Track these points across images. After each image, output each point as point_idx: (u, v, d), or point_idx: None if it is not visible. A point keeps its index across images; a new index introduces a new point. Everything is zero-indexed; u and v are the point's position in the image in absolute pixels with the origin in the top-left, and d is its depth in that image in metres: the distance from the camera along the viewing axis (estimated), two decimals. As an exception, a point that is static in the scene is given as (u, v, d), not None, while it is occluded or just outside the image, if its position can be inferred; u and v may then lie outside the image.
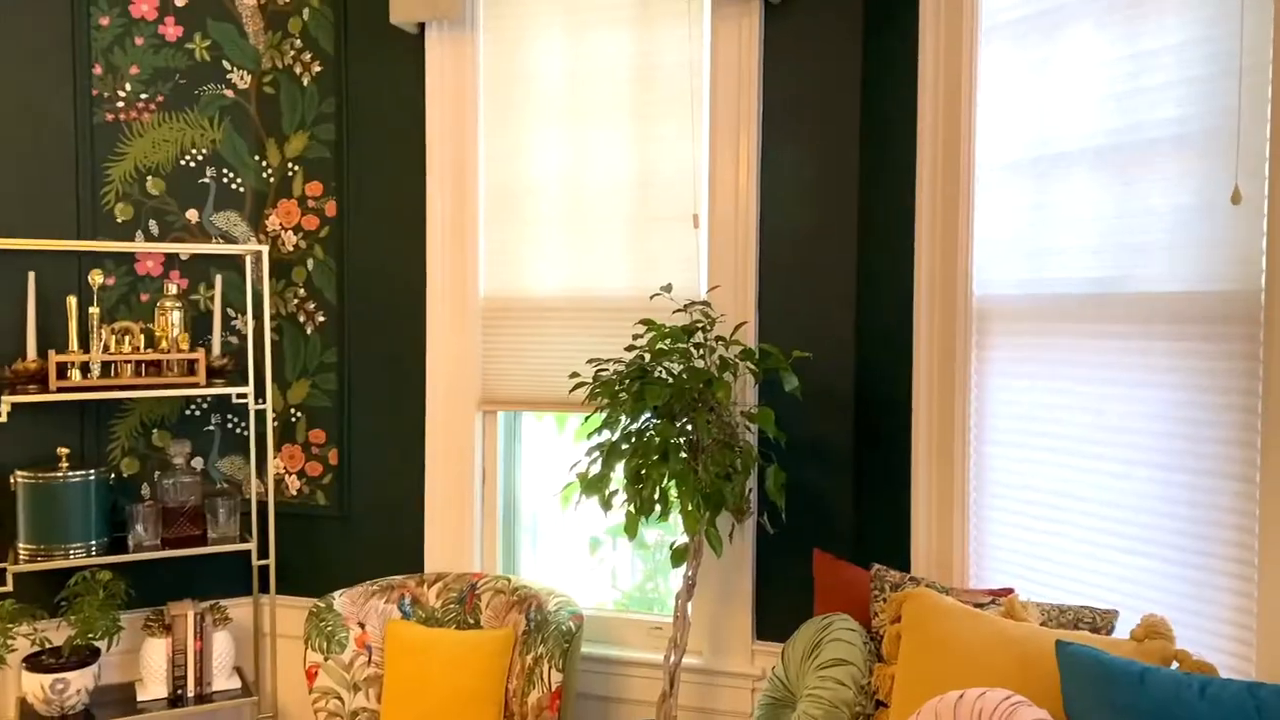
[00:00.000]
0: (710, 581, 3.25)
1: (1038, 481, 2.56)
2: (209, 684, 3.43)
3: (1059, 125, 2.48)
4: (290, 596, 3.65)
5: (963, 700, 2.08)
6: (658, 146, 3.27)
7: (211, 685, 3.43)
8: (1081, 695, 2.02)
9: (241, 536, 3.52)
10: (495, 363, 3.47)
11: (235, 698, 3.42)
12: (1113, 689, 1.98)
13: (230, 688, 3.45)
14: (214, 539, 3.46)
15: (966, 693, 2.09)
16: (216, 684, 3.44)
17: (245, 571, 3.62)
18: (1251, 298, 2.08)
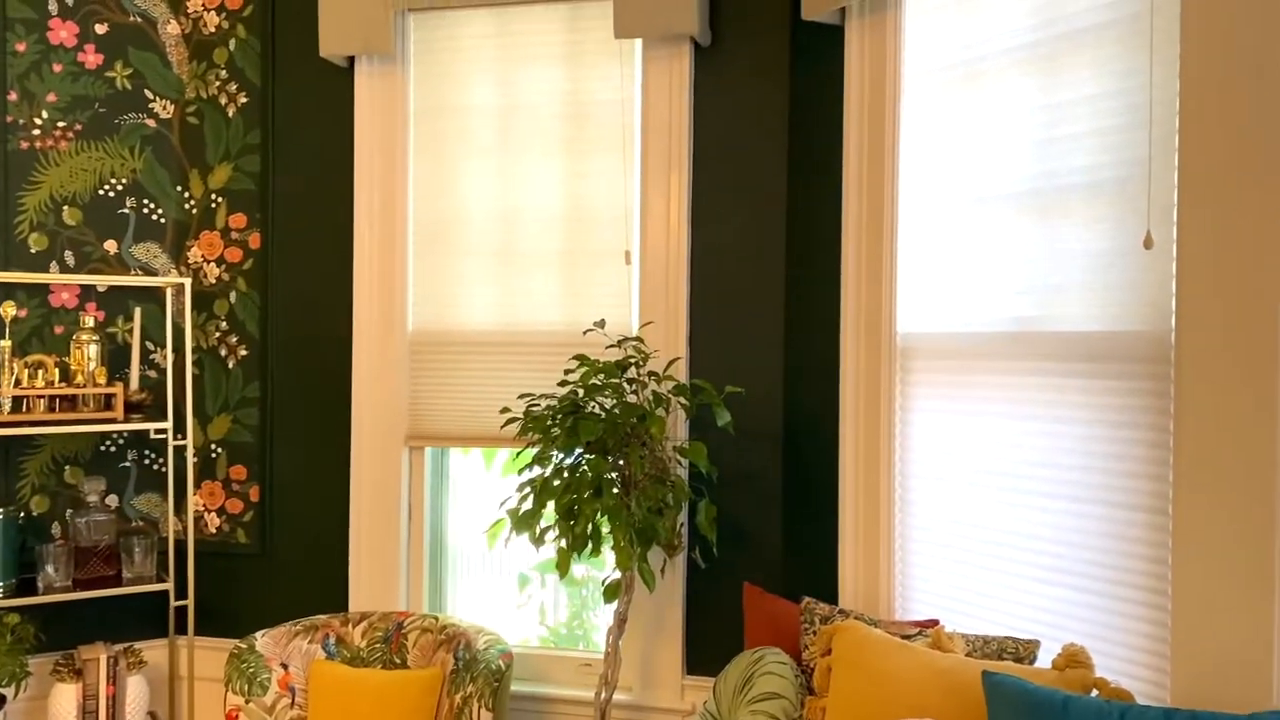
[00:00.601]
0: (641, 616, 3.26)
1: (961, 514, 2.63)
2: (122, 731, 3.31)
3: (980, 170, 2.57)
4: (210, 638, 3.55)
5: (894, 732, 2.12)
6: (590, 183, 3.30)
7: (124, 732, 3.31)
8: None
9: (158, 576, 3.42)
10: (424, 397, 3.44)
11: (149, 744, 3.31)
12: (1038, 718, 2.04)
13: (144, 734, 3.34)
14: (129, 579, 3.35)
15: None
16: (130, 730, 3.32)
17: (162, 613, 3.51)
18: (1162, 338, 2.18)
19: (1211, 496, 2.06)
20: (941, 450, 2.69)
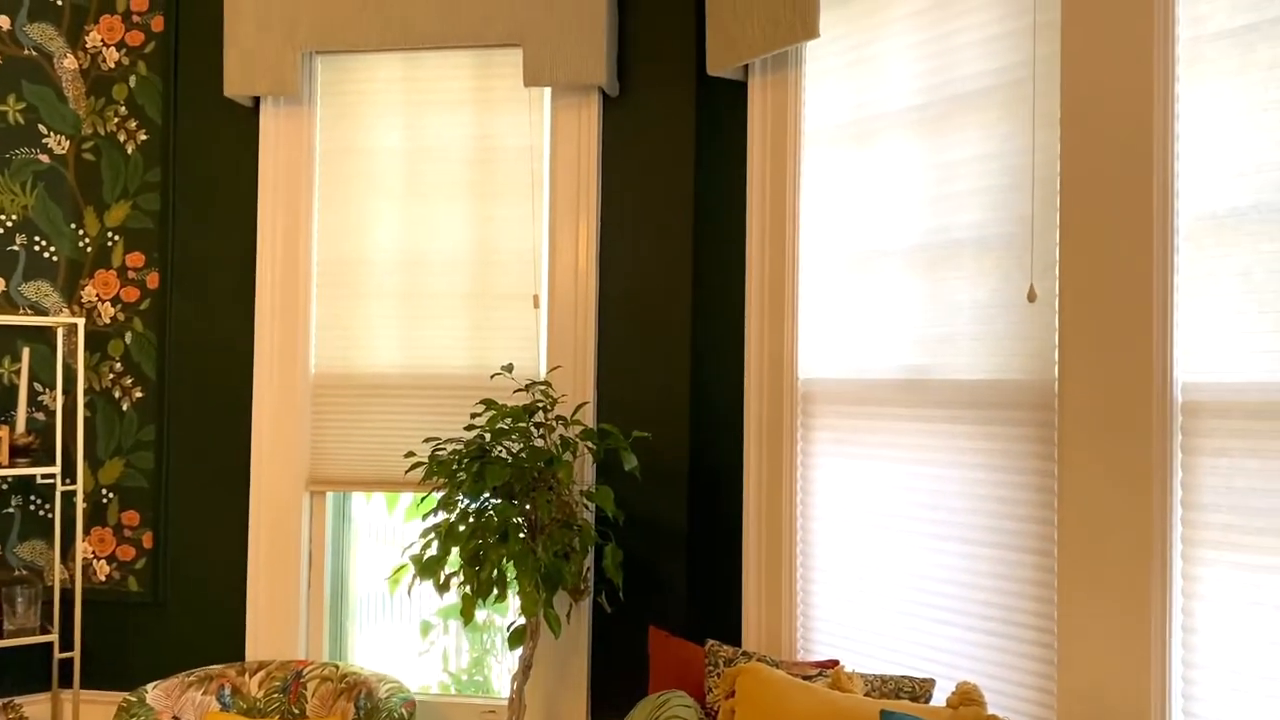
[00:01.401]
0: (546, 662, 3.25)
1: (859, 556, 2.71)
2: (-1, 791, 3.15)
3: (876, 225, 2.68)
4: (98, 691, 3.42)
5: (795, 772, 2.15)
6: (498, 226, 3.33)
7: (2, 793, 3.16)
8: (904, 762, 2.13)
9: (42, 627, 3.28)
10: (326, 441, 3.40)
11: (29, 805, 3.16)
12: (932, 755, 2.10)
13: (23, 794, 3.19)
14: (10, 630, 3.21)
15: (799, 765, 2.17)
16: (7, 791, 3.17)
17: (46, 665, 3.36)
18: (1046, 387, 2.29)
19: (1093, 537, 2.16)
20: (841, 493, 2.76)
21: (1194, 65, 2.07)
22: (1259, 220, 1.96)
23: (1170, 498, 2.06)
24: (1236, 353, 1.98)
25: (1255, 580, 1.95)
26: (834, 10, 2.78)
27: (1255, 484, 1.95)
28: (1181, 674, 2.05)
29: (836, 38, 2.79)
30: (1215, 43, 2.04)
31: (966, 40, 2.47)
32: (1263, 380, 1.94)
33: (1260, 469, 1.94)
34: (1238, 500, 1.97)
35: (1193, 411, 2.04)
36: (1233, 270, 2.00)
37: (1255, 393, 1.95)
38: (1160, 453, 2.07)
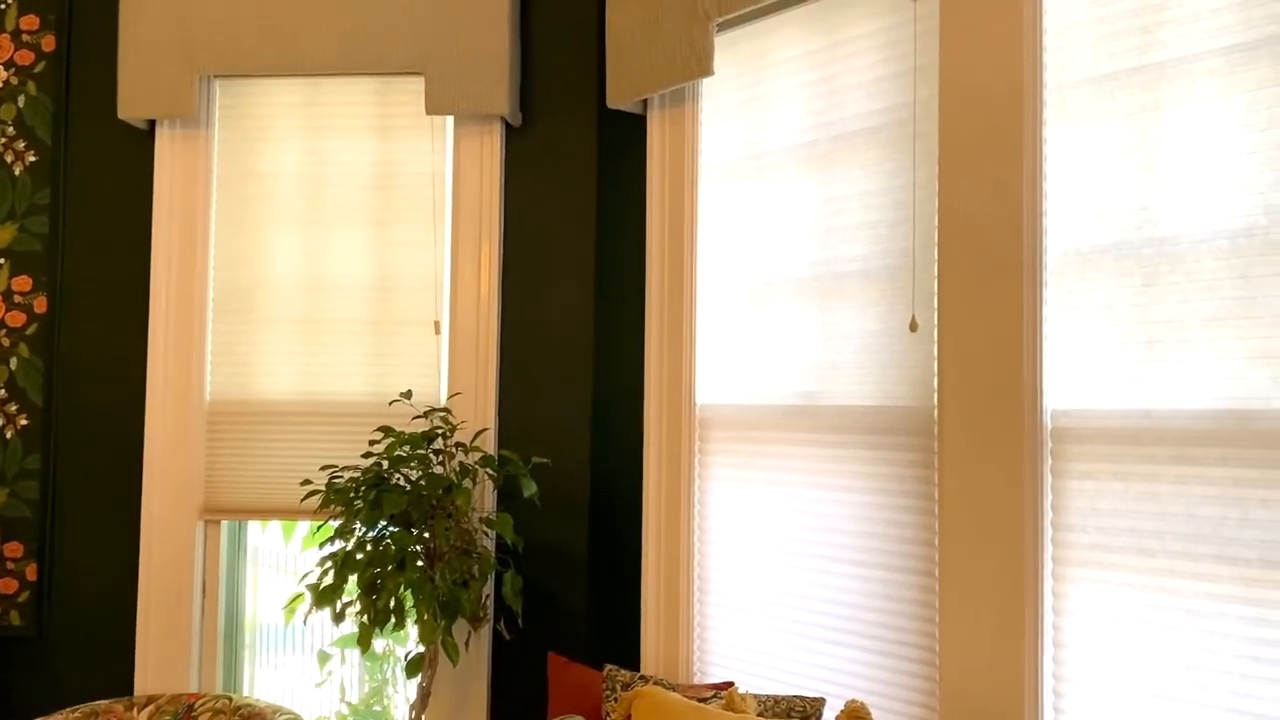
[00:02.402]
0: (446, 690, 3.23)
1: (754, 579, 2.77)
2: None
3: (768, 256, 2.76)
4: (-28, 731, 3.29)
5: (688, 793, 2.19)
6: (399, 252, 3.33)
7: None
8: (793, 780, 2.19)
9: (-85, 666, 3.15)
10: (221, 468, 3.34)
11: None
12: (820, 772, 2.16)
13: (-108, 841, 3.04)
14: (-119, 670, 3.07)
15: (692, 786, 2.21)
16: (-126, 838, 3.02)
17: (-83, 705, 3.23)
18: (926, 413, 2.39)
19: (970, 558, 2.26)
20: (737, 517, 2.83)
21: (1060, 110, 2.19)
22: (1119, 257, 2.09)
23: (1041, 519, 2.17)
24: (1101, 382, 2.10)
25: (1118, 596, 2.05)
26: (728, 50, 2.87)
27: (1118, 506, 2.06)
28: (1053, 687, 2.15)
29: (731, 76, 2.88)
30: (1079, 89, 2.17)
31: (852, 82, 2.57)
32: (1125, 408, 2.06)
33: (1123, 491, 2.05)
34: (1103, 521, 2.08)
35: (1061, 438, 2.15)
36: (1096, 304, 2.12)
37: (1118, 419, 2.07)
38: (1031, 477, 2.17)
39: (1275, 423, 1.86)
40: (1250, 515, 1.88)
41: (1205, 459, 1.94)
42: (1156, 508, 2.01)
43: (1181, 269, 2.00)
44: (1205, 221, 1.97)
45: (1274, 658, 1.85)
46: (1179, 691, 1.96)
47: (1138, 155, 2.07)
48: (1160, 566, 2.00)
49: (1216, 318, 1.94)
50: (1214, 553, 1.93)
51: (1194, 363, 1.97)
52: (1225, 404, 1.92)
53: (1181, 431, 1.98)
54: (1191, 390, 1.97)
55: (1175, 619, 1.97)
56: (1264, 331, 1.88)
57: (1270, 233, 1.88)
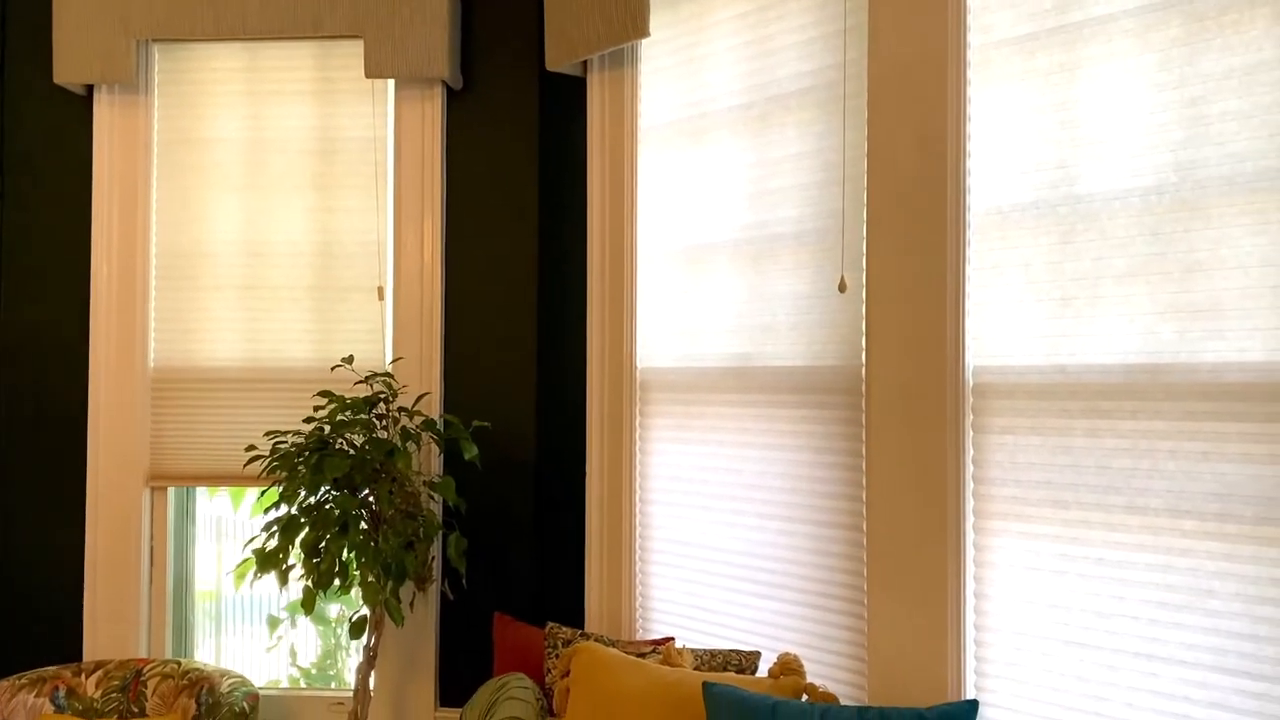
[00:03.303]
0: (393, 652, 3.27)
1: (691, 536, 2.81)
2: None
3: (704, 219, 2.78)
4: (-80, 699, 3.29)
5: (621, 745, 2.24)
6: (341, 218, 3.32)
7: None
8: (724, 731, 2.24)
9: None
10: (166, 436, 3.34)
11: None
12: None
13: None
14: None
15: (625, 738, 2.25)
16: None
17: None
18: (854, 372, 2.43)
19: (895, 513, 2.31)
20: (676, 477, 2.86)
21: (983, 70, 2.22)
22: (1037, 215, 2.12)
23: (963, 474, 2.22)
24: (1020, 339, 2.14)
25: (1034, 548, 2.11)
26: (665, 11, 2.88)
27: (1035, 459, 2.11)
28: (974, 637, 2.21)
29: (669, 38, 2.88)
30: (1001, 49, 2.19)
31: (785, 43, 2.59)
32: (1041, 364, 2.11)
33: (1040, 445, 2.10)
34: (1021, 475, 2.14)
35: (982, 393, 2.20)
36: (1015, 262, 2.15)
37: (1035, 375, 2.12)
38: (954, 433, 2.22)
39: (1183, 376, 1.91)
40: (1159, 466, 1.94)
41: (1117, 412, 1.99)
42: (1070, 460, 2.06)
43: (1096, 227, 2.03)
44: (1119, 179, 2.00)
45: (1179, 603, 1.91)
46: (1090, 638, 2.02)
47: (1056, 114, 2.10)
48: (1074, 518, 2.05)
49: (1129, 274, 1.99)
50: (1124, 503, 1.98)
51: (1107, 319, 2.01)
52: (1136, 358, 1.97)
53: (1095, 386, 2.02)
54: (1104, 345, 2.01)
55: (1087, 568, 2.03)
56: (1173, 287, 1.93)
57: (1180, 190, 1.92)
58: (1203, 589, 1.88)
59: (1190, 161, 1.91)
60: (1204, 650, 1.87)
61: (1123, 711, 1.97)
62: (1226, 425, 1.85)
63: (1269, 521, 1.80)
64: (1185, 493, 1.90)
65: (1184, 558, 1.90)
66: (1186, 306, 1.91)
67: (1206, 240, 1.89)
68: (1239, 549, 1.84)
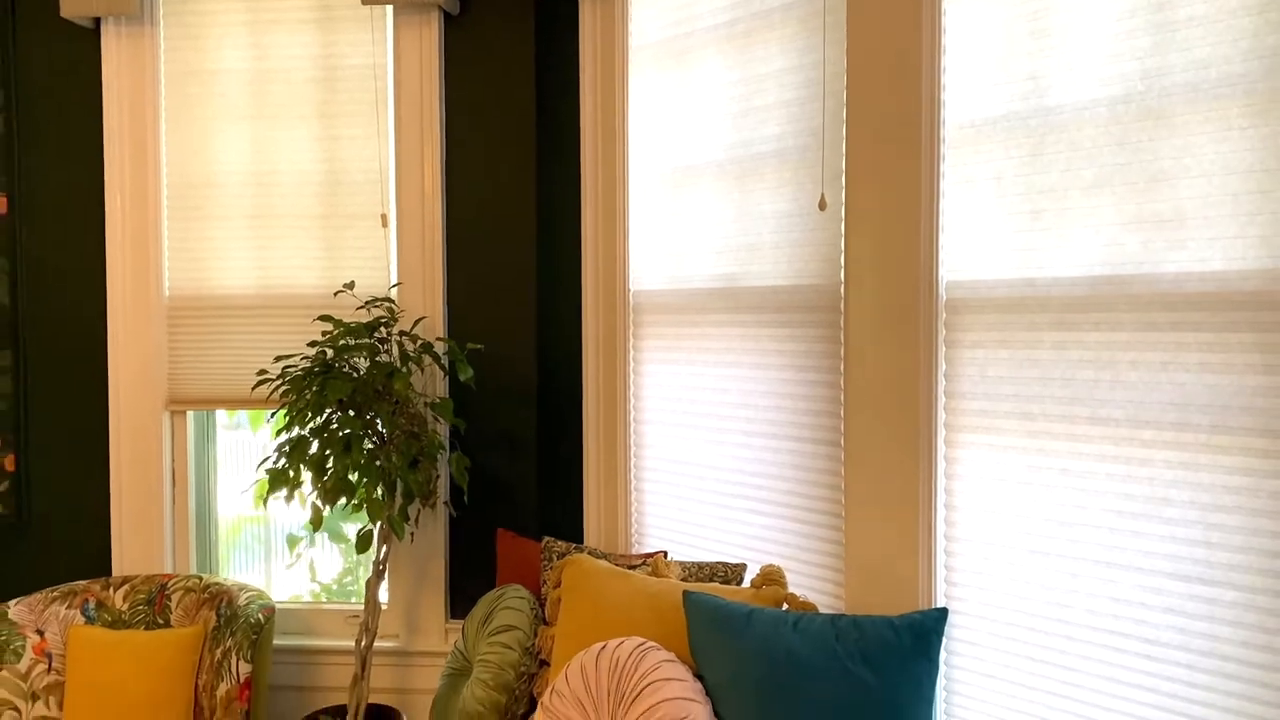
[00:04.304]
0: (405, 567, 3.39)
1: (682, 454, 2.87)
2: None
3: (691, 140, 2.79)
4: (-36, 611, 3.48)
5: (604, 650, 2.33)
6: (345, 146, 3.37)
7: None
8: (702, 636, 2.32)
9: (-97, 551, 3.33)
10: (183, 361, 3.46)
11: (-101, 721, 3.24)
12: (725, 629, 2.29)
13: (-108, 711, 3.26)
14: None
15: (607, 643, 2.35)
16: (-124, 708, 3.24)
17: (-90, 588, 3.43)
18: (834, 290, 2.45)
19: (871, 428, 2.34)
20: (667, 397, 2.92)
21: (958, -18, 2.19)
22: (1008, 128, 2.11)
23: (935, 388, 2.24)
24: (990, 253, 2.15)
25: (1002, 459, 2.14)
26: (653, -72, 2.86)
27: (1004, 373, 2.13)
28: (944, 547, 2.26)
29: (657, -44, 2.87)
30: (976, -40, 2.16)
31: (767, -42, 2.57)
32: (1011, 278, 2.11)
33: (1009, 359, 2.12)
34: (990, 388, 2.16)
35: (954, 309, 2.21)
36: (987, 175, 2.15)
37: (1004, 289, 2.12)
38: (926, 347, 2.24)
39: (1146, 286, 1.91)
40: (1121, 377, 1.95)
41: (1082, 324, 2.00)
42: (1038, 373, 2.07)
43: (1065, 138, 2.02)
44: (1088, 89, 1.99)
45: (1138, 511, 1.93)
46: (1053, 546, 2.06)
47: (1028, 24, 2.08)
48: (1039, 429, 2.07)
49: (1096, 185, 1.98)
50: (1088, 414, 2.00)
51: (1074, 230, 2.01)
52: (1101, 270, 1.97)
53: (1061, 298, 2.03)
54: (1071, 258, 2.01)
55: (1052, 479, 2.06)
56: (1138, 197, 1.92)
57: (1146, 98, 1.90)
58: (1160, 498, 1.90)
59: (1156, 69, 1.88)
60: (1160, 557, 1.90)
61: (1083, 617, 2.01)
62: (1185, 335, 1.86)
63: (1223, 430, 1.81)
64: (1145, 403, 1.91)
65: (1143, 467, 1.92)
66: (1151, 217, 1.90)
67: (1171, 149, 1.87)
68: (1195, 458, 1.85)
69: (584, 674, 2.31)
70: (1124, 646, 1.95)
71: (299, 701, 3.44)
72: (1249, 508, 1.79)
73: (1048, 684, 2.07)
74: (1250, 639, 1.79)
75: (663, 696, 2.19)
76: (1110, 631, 1.97)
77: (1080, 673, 2.02)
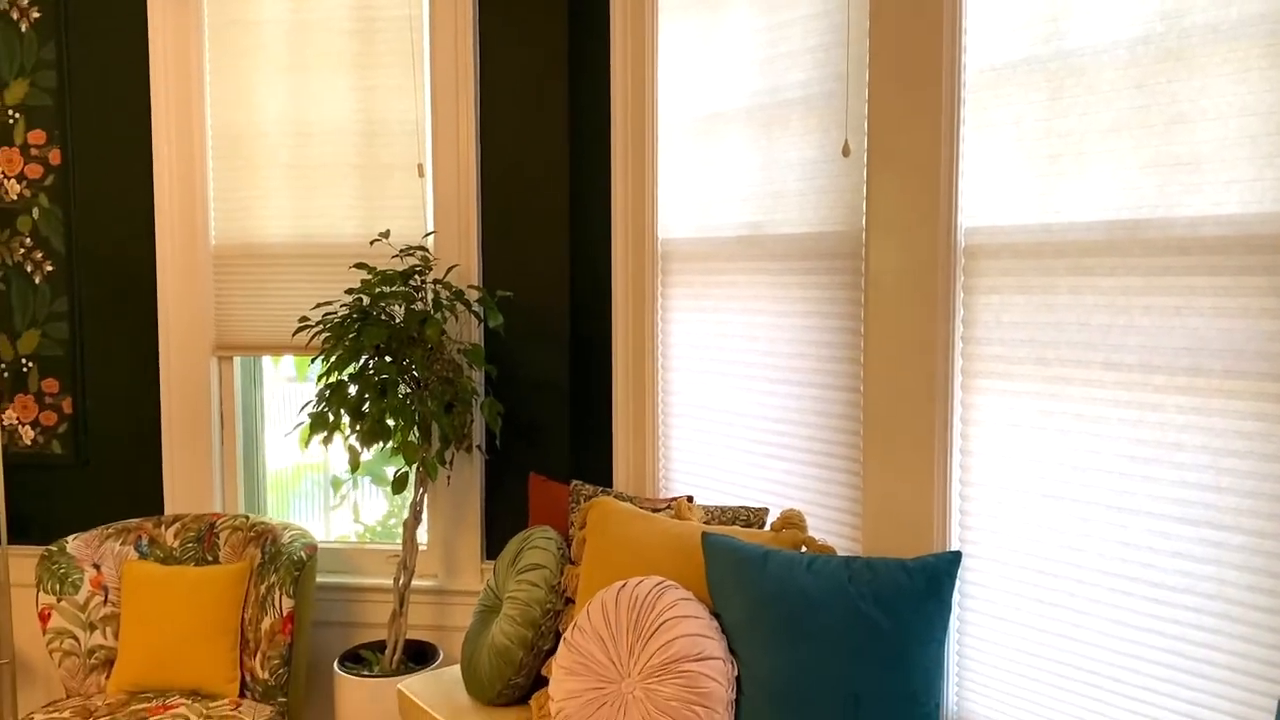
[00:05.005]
0: (444, 510, 3.49)
1: (709, 401, 2.91)
2: (-61, 635, 3.42)
3: (720, 87, 2.80)
4: (30, 546, 3.67)
5: (624, 588, 2.40)
6: (381, 96, 3.43)
7: (-58, 636, 3.43)
8: (719, 576, 2.37)
9: (-30, 488, 3.50)
10: (228, 308, 3.57)
11: (-32, 647, 3.43)
12: (742, 570, 2.34)
13: (-38, 637, 3.46)
14: (-62, 490, 3.43)
15: (627, 582, 2.41)
16: (-53, 635, 3.44)
17: (-23, 523, 3.61)
18: (856, 237, 2.46)
19: (890, 375, 2.36)
20: (693, 345, 2.95)
21: (982, -78, 2.17)
22: (1028, 71, 2.10)
23: (952, 334, 2.25)
24: (1008, 198, 2.14)
25: (1017, 404, 2.15)
26: (682, -127, 2.84)
27: (1019, 318, 2.13)
28: (959, 491, 2.28)
29: (686, -99, 2.86)
30: (1000, -100, 2.13)
31: (793, -98, 2.55)
32: (1027, 223, 2.11)
33: (1025, 304, 2.12)
34: (1006, 333, 2.16)
35: (973, 255, 2.21)
36: (1007, 120, 2.14)
37: (1022, 234, 2.12)
38: (945, 293, 2.24)
39: (1160, 231, 1.90)
40: (1135, 322, 1.94)
41: (1097, 269, 1.99)
42: (1053, 319, 2.07)
43: (1084, 81, 2.00)
44: (1108, 31, 1.96)
45: (1148, 456, 1.94)
46: (1066, 491, 2.07)
47: (1051, -34, 2.05)
48: (1054, 375, 2.08)
49: (1114, 129, 1.96)
50: (1101, 359, 2.00)
51: (1091, 175, 2.00)
52: (1117, 214, 1.96)
53: (1077, 243, 2.02)
54: (1088, 202, 2.00)
55: (1065, 423, 2.06)
56: (1155, 140, 1.90)
57: (1165, 39, 1.88)
58: (1171, 442, 1.90)
59: (1176, 9, 1.86)
60: (1169, 502, 1.90)
61: (1094, 561, 2.03)
62: (1199, 279, 1.84)
63: (1235, 375, 1.81)
64: (1158, 348, 1.91)
65: (1154, 412, 1.92)
66: (1168, 160, 1.88)
67: (1190, 91, 1.85)
68: (1207, 402, 1.85)
69: (604, 610, 2.38)
70: (1132, 590, 1.96)
71: (342, 636, 3.57)
72: (1260, 453, 1.79)
73: (1057, 626, 2.09)
74: (1257, 583, 1.79)
75: (679, 633, 2.26)
76: (1119, 575, 1.98)
77: (1089, 615, 2.03)
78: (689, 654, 2.23)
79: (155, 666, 3.19)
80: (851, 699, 2.15)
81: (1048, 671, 2.12)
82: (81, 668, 3.23)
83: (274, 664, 3.17)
